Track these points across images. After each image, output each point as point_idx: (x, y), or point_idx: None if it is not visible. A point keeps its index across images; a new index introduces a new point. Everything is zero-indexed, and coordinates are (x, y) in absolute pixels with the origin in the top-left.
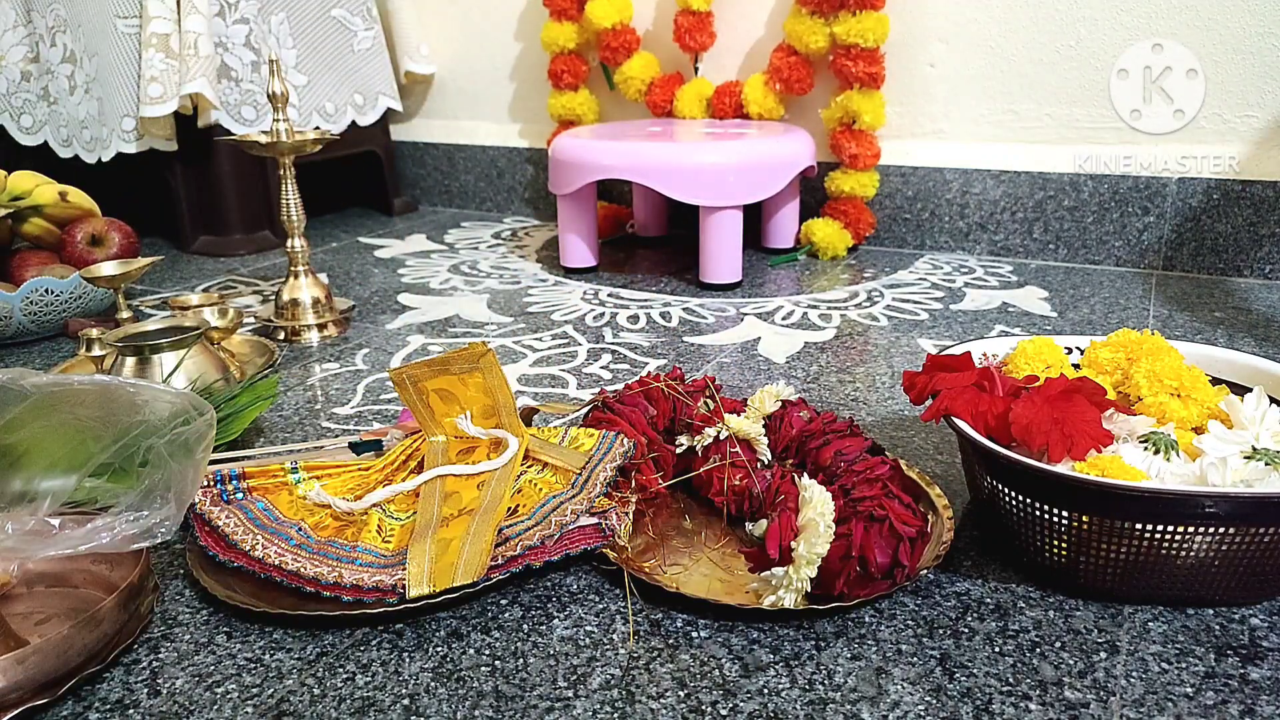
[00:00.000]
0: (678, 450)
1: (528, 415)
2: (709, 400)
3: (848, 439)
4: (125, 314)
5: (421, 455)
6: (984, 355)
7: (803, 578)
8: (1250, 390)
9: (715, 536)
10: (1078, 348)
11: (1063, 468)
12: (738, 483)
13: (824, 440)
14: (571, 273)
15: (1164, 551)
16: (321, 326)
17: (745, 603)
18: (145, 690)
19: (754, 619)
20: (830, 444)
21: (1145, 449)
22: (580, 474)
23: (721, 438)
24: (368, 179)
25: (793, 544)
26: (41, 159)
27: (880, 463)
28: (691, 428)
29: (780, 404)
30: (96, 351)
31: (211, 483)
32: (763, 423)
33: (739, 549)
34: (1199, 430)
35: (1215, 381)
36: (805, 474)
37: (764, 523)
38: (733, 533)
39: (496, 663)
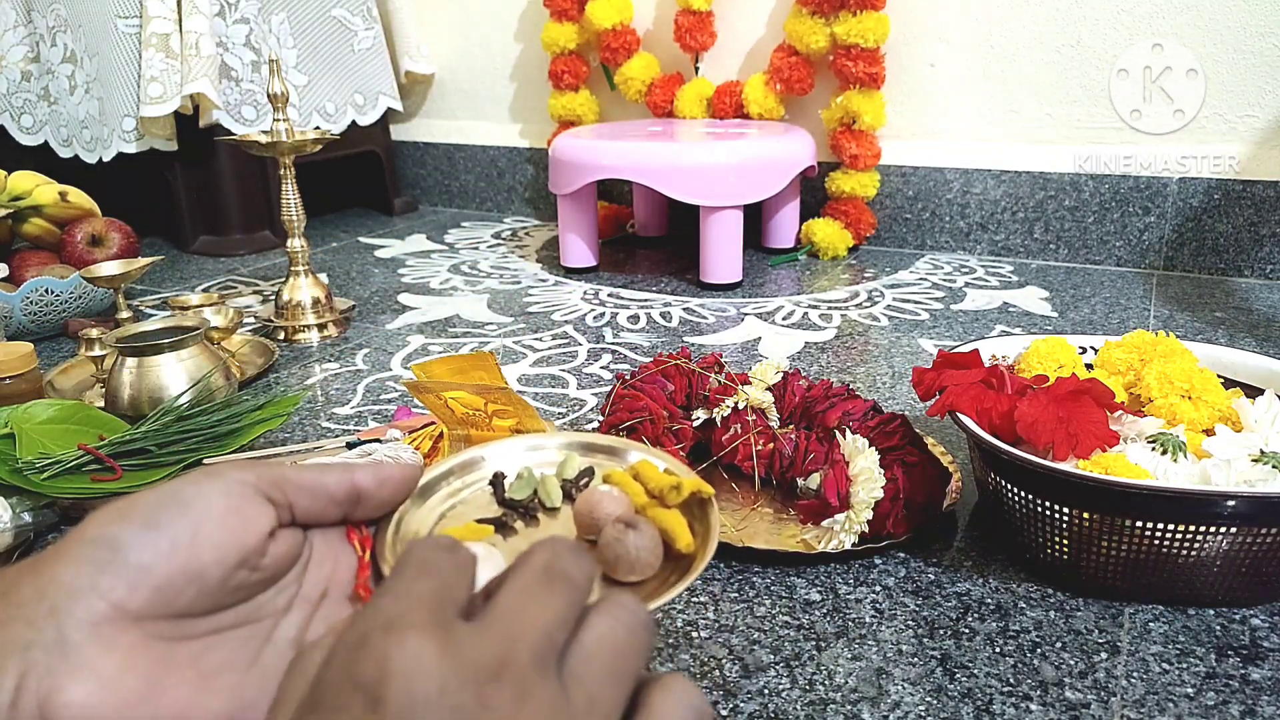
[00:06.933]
0: (695, 424)
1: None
2: (717, 377)
3: (850, 401)
4: (125, 314)
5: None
6: (993, 357)
7: (861, 520)
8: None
9: (735, 505)
10: (1092, 347)
11: (1066, 465)
12: (760, 448)
13: (829, 404)
14: (571, 273)
15: (1165, 550)
16: (321, 326)
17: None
18: None
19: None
20: (835, 406)
21: (1153, 450)
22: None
23: (740, 408)
24: (368, 179)
25: (850, 491)
26: (41, 159)
27: (891, 418)
28: (708, 400)
29: (780, 375)
30: (96, 351)
31: None
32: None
33: (792, 504)
34: (1209, 433)
35: (1230, 384)
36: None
37: (816, 476)
38: (760, 495)
39: None
